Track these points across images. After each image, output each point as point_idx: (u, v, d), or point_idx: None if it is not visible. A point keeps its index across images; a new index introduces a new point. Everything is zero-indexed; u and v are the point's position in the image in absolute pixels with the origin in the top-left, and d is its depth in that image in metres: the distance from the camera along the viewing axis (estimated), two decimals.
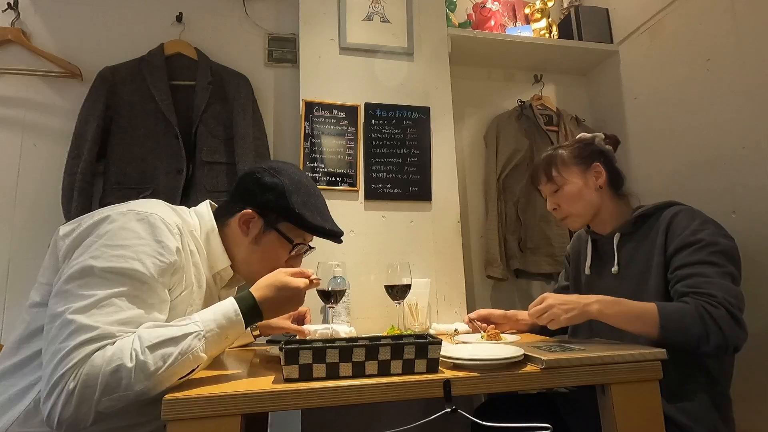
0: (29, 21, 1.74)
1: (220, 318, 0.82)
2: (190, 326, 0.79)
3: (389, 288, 1.31)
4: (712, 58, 1.58)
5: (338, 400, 0.76)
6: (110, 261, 0.78)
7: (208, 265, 0.99)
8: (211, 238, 0.98)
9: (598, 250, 1.29)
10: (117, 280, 0.78)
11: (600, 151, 1.25)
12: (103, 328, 0.73)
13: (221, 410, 0.72)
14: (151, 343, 0.74)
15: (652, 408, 0.84)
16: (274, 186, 0.98)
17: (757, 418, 1.37)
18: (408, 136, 1.79)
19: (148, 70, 1.68)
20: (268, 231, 0.99)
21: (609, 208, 1.23)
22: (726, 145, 1.52)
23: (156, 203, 0.92)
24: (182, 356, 0.76)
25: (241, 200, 1.01)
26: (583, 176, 1.22)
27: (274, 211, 0.99)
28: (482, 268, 1.96)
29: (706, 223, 1.07)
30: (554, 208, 1.26)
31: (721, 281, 1.00)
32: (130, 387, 0.72)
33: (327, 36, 1.80)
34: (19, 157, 1.67)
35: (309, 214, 0.99)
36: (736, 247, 1.06)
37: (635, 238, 1.18)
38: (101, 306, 0.75)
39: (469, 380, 0.80)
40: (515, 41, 1.99)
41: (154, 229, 0.84)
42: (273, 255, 1.01)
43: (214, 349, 0.81)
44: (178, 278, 0.88)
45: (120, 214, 0.84)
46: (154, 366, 0.73)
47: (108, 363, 0.71)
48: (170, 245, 0.84)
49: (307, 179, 1.06)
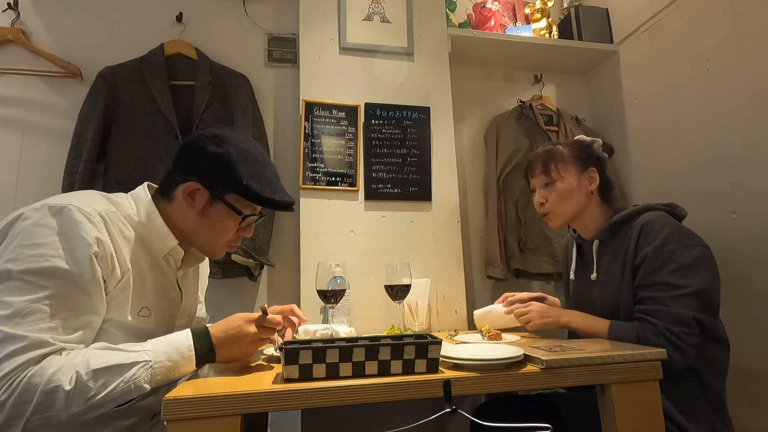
0: (29, 21, 1.74)
1: (172, 351, 0.81)
2: (140, 354, 0.78)
3: (389, 288, 1.31)
4: (712, 58, 1.58)
5: (338, 400, 0.76)
6: (28, 262, 0.74)
7: (156, 247, 0.94)
8: (152, 219, 0.93)
9: (581, 255, 1.31)
10: (38, 282, 0.74)
11: (597, 156, 1.26)
12: (31, 336, 0.72)
13: (221, 410, 0.72)
14: (97, 367, 0.73)
15: (652, 408, 0.84)
16: (220, 156, 0.92)
17: (757, 418, 1.37)
18: (408, 136, 1.79)
19: (148, 70, 1.68)
20: (215, 203, 0.94)
21: (594, 213, 1.24)
22: (726, 145, 1.52)
23: (76, 193, 0.88)
24: (124, 384, 0.74)
25: (184, 171, 0.95)
26: (578, 177, 1.23)
27: (221, 183, 0.93)
28: (482, 268, 1.96)
29: (672, 235, 1.06)
30: (541, 202, 1.27)
31: (670, 309, 1.02)
32: (64, 409, 0.71)
33: (327, 36, 1.80)
34: (19, 157, 1.67)
35: (257, 185, 0.93)
36: (704, 254, 1.06)
37: (612, 245, 1.19)
38: (25, 314, 0.72)
39: (469, 380, 0.80)
40: (515, 41, 1.99)
41: (71, 222, 0.79)
42: (222, 226, 0.97)
43: (160, 381, 0.79)
44: (108, 268, 0.83)
45: (33, 210, 0.80)
46: (94, 391, 0.72)
47: (47, 382, 0.70)
48: (89, 236, 0.80)
49: (254, 147, 0.99)
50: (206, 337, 0.86)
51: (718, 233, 1.50)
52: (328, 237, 1.66)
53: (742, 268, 1.44)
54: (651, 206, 1.16)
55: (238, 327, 0.88)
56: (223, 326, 0.88)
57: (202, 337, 0.85)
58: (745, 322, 1.41)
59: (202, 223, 0.96)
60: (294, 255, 1.74)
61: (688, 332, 1.00)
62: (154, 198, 0.96)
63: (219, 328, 0.88)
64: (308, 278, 1.59)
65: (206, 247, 1.00)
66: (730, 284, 1.42)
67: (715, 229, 1.51)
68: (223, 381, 0.81)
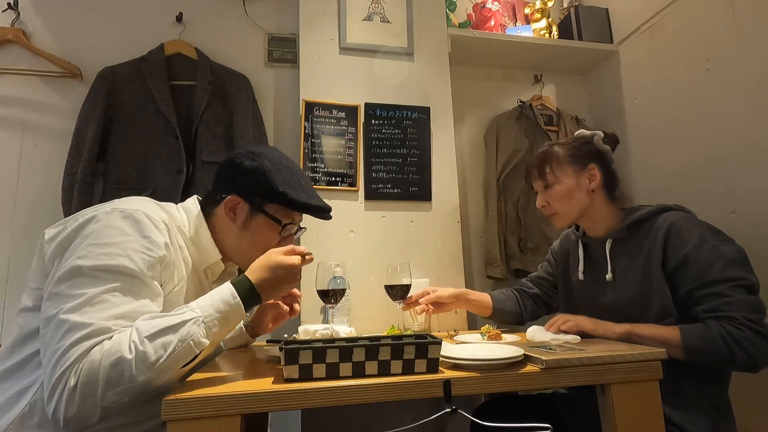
0: (29, 21, 1.74)
1: (218, 303, 0.82)
2: (187, 313, 0.79)
3: (389, 288, 1.31)
4: (712, 58, 1.58)
5: (338, 400, 0.76)
6: (98, 259, 0.78)
7: (199, 260, 0.98)
8: (200, 233, 0.98)
9: (589, 255, 1.27)
10: (106, 277, 0.77)
11: (597, 151, 1.22)
12: (97, 323, 0.73)
13: (221, 410, 0.71)
14: (150, 333, 0.74)
15: (652, 408, 0.84)
16: (255, 169, 0.97)
17: (758, 418, 1.37)
18: (408, 136, 1.79)
19: (148, 70, 1.68)
20: (255, 215, 0.98)
21: (601, 210, 1.21)
22: (726, 144, 1.52)
23: (141, 200, 0.91)
24: (182, 343, 0.75)
25: (224, 188, 1.00)
26: (575, 177, 1.20)
27: (259, 194, 0.98)
28: (482, 268, 1.96)
29: (706, 233, 1.05)
30: (543, 206, 1.26)
31: (738, 297, 0.99)
32: (133, 379, 0.72)
33: (327, 36, 1.80)
34: (19, 157, 1.67)
35: (293, 192, 0.98)
36: (740, 248, 1.05)
37: (629, 246, 1.15)
38: (93, 303, 0.75)
39: (469, 380, 0.80)
40: (515, 41, 1.99)
41: (140, 225, 0.83)
42: (263, 238, 1.00)
43: (215, 334, 0.80)
44: (169, 273, 0.87)
45: (105, 213, 0.84)
46: (155, 355, 0.73)
47: (108, 357, 0.71)
48: (158, 240, 0.84)
49: (287, 159, 1.04)
50: (246, 281, 0.86)
51: None
52: (328, 237, 1.66)
53: None
54: (668, 206, 1.14)
55: (276, 261, 0.88)
56: (260, 264, 0.89)
57: (243, 282, 0.86)
58: None
59: (244, 236, 0.99)
60: None
61: (763, 318, 0.98)
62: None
63: (256, 268, 0.88)
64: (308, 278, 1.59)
65: (245, 260, 1.00)
66: None
67: None
68: (223, 381, 0.81)
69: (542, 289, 1.44)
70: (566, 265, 1.35)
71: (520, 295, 1.46)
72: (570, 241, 1.36)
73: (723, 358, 0.96)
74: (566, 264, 1.35)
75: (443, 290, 1.39)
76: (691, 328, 1.01)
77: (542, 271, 1.47)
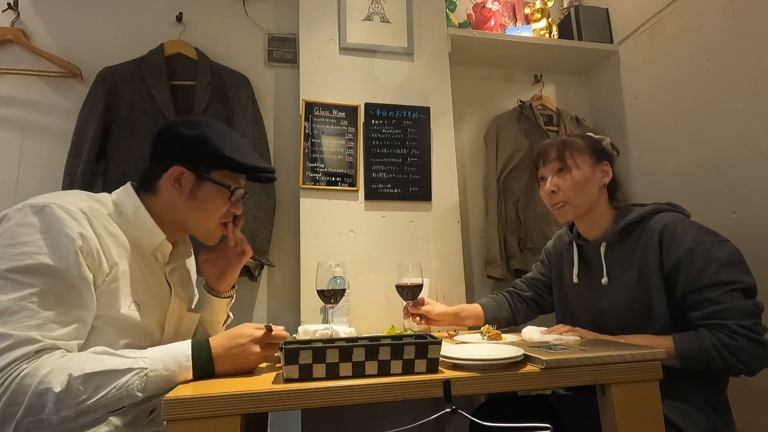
0: (29, 21, 1.74)
1: (169, 360, 0.80)
2: (137, 361, 0.77)
3: (400, 288, 1.27)
4: (712, 58, 1.58)
5: (338, 400, 0.76)
6: (13, 261, 0.75)
7: (144, 243, 0.95)
8: (139, 214, 0.94)
9: (583, 257, 1.25)
10: (24, 280, 0.74)
11: (609, 153, 1.22)
12: (17, 334, 0.71)
13: (221, 410, 0.71)
14: (91, 371, 0.73)
15: (652, 408, 0.84)
16: (196, 137, 0.95)
17: (758, 419, 1.37)
18: (408, 136, 1.79)
19: (148, 71, 1.68)
20: (203, 182, 0.96)
21: (601, 211, 1.20)
22: (726, 145, 1.52)
23: (59, 192, 0.88)
24: (117, 390, 0.74)
25: (165, 159, 0.96)
26: (592, 168, 1.18)
27: (204, 161, 0.95)
28: (482, 268, 1.96)
29: (700, 234, 1.04)
30: (553, 191, 1.18)
31: (731, 303, 0.98)
32: (55, 412, 0.70)
33: (327, 36, 1.80)
34: (19, 157, 1.67)
35: (240, 156, 0.96)
36: (735, 249, 1.04)
37: (623, 249, 1.14)
38: (12, 312, 0.72)
39: (469, 380, 0.80)
40: (515, 41, 1.99)
41: (53, 219, 0.80)
42: (213, 205, 0.98)
43: (154, 390, 0.78)
44: (93, 263, 0.83)
45: (16, 210, 0.80)
46: (84, 395, 0.72)
47: (38, 384, 0.70)
48: (71, 232, 0.80)
49: (224, 126, 1.02)
50: (206, 349, 0.84)
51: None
52: (328, 237, 1.66)
53: None
54: (660, 207, 1.13)
55: (242, 346, 0.86)
56: (227, 342, 0.86)
57: (203, 350, 0.84)
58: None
59: (193, 206, 0.96)
60: (294, 255, 1.74)
61: (759, 323, 0.96)
62: (138, 195, 0.97)
63: (221, 343, 0.86)
64: (308, 278, 1.59)
65: (203, 231, 1.01)
66: None
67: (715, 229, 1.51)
68: (223, 381, 0.81)
69: (536, 291, 1.44)
70: (560, 267, 1.34)
71: (513, 300, 1.45)
72: (563, 243, 1.34)
73: (718, 366, 0.96)
74: (560, 265, 1.34)
75: (434, 305, 1.38)
76: (684, 338, 1.00)
77: (536, 272, 1.46)
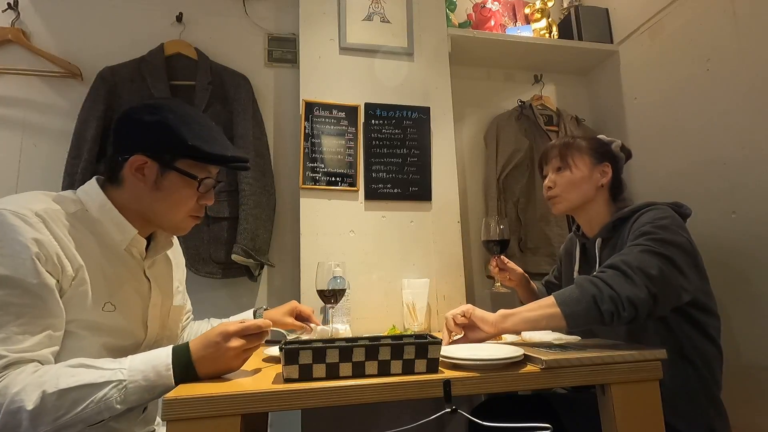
0: (29, 21, 1.74)
1: (149, 370, 0.77)
2: (115, 373, 0.75)
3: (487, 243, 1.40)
4: (712, 58, 1.58)
5: (338, 400, 0.76)
6: None
7: (116, 240, 0.90)
8: (105, 211, 0.89)
9: (585, 255, 1.30)
10: None
11: (614, 155, 1.26)
12: None
13: (221, 410, 0.71)
14: (67, 387, 0.71)
15: (652, 408, 0.84)
16: (157, 123, 0.88)
17: (756, 418, 1.37)
18: (408, 136, 1.79)
19: (148, 71, 1.68)
20: (166, 172, 0.89)
21: (600, 209, 1.24)
22: (726, 145, 1.52)
23: (12, 196, 0.83)
24: (95, 405, 0.72)
25: (125, 148, 0.89)
26: (590, 169, 1.24)
27: (166, 150, 0.89)
28: (482, 268, 1.96)
29: (662, 219, 1.05)
30: (550, 186, 1.27)
31: (631, 254, 0.97)
32: (31, 428, 0.69)
33: (327, 36, 1.79)
34: (19, 157, 1.67)
35: (205, 144, 0.89)
36: (686, 242, 1.03)
37: (612, 243, 1.18)
38: None
39: (469, 380, 0.80)
40: (515, 41, 1.99)
41: (5, 227, 0.76)
42: (179, 196, 0.92)
43: (134, 401, 0.76)
44: (55, 268, 0.78)
45: None
46: (62, 410, 0.70)
47: (9, 403, 0.68)
48: (25, 238, 0.76)
49: (191, 110, 0.96)
50: (186, 354, 0.80)
51: (718, 233, 1.51)
52: (328, 237, 1.66)
53: (742, 268, 1.44)
54: (655, 203, 1.15)
55: (217, 345, 0.81)
56: (202, 343, 0.82)
57: (182, 355, 0.80)
58: (745, 322, 1.41)
59: (158, 197, 0.91)
60: (294, 255, 1.74)
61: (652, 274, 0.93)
62: (104, 189, 0.92)
63: (198, 346, 0.82)
64: (308, 278, 1.59)
65: (169, 223, 0.95)
66: (729, 284, 1.43)
67: (715, 230, 1.52)
68: (223, 381, 0.81)
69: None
70: (569, 266, 1.38)
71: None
72: (572, 243, 1.38)
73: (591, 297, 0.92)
74: (569, 265, 1.38)
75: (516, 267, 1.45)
76: (564, 291, 0.97)
77: (551, 276, 1.51)
